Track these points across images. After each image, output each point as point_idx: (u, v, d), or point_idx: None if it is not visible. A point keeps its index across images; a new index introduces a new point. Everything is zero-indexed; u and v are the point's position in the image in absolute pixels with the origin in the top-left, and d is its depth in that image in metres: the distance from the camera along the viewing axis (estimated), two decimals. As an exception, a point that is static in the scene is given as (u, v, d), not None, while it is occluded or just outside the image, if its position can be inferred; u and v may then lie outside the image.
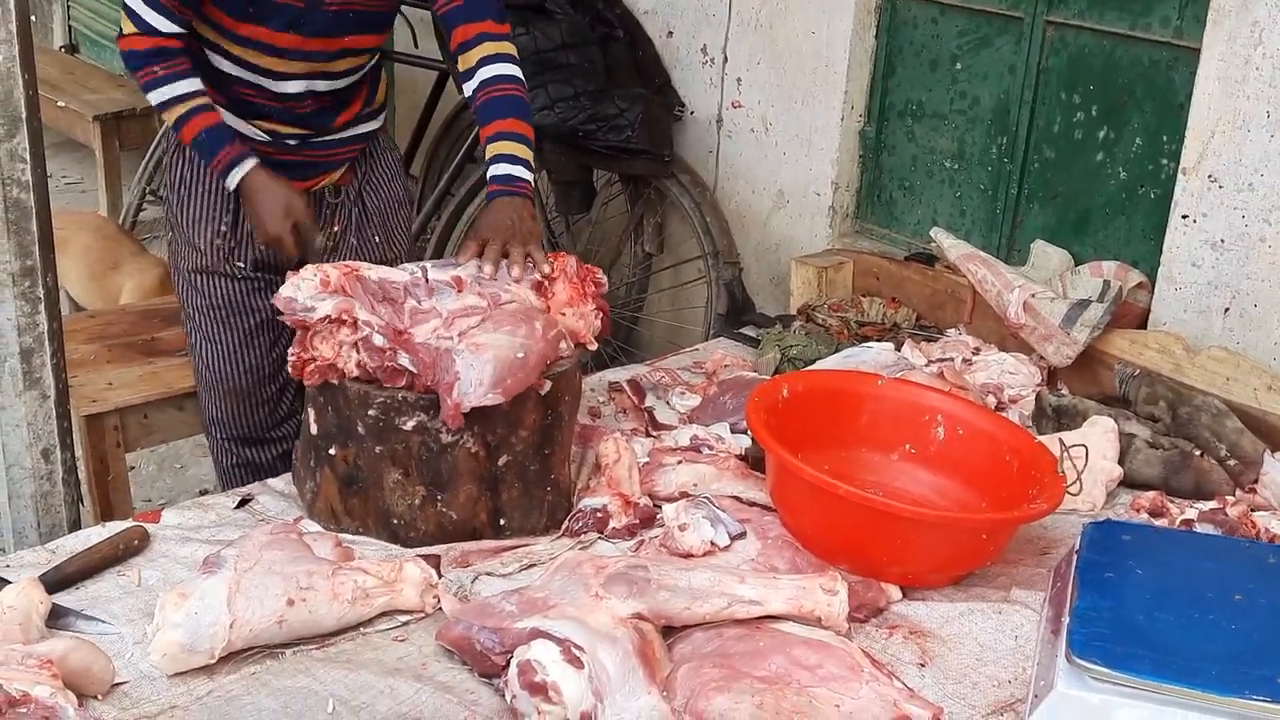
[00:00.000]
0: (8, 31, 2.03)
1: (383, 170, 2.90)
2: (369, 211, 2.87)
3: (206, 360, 2.81)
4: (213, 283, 2.74)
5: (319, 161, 2.76)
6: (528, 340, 2.21)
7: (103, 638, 1.91)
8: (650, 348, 4.45)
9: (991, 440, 2.38)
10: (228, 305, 2.75)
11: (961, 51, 3.56)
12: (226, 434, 2.88)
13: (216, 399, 2.85)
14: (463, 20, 2.59)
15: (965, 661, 2.02)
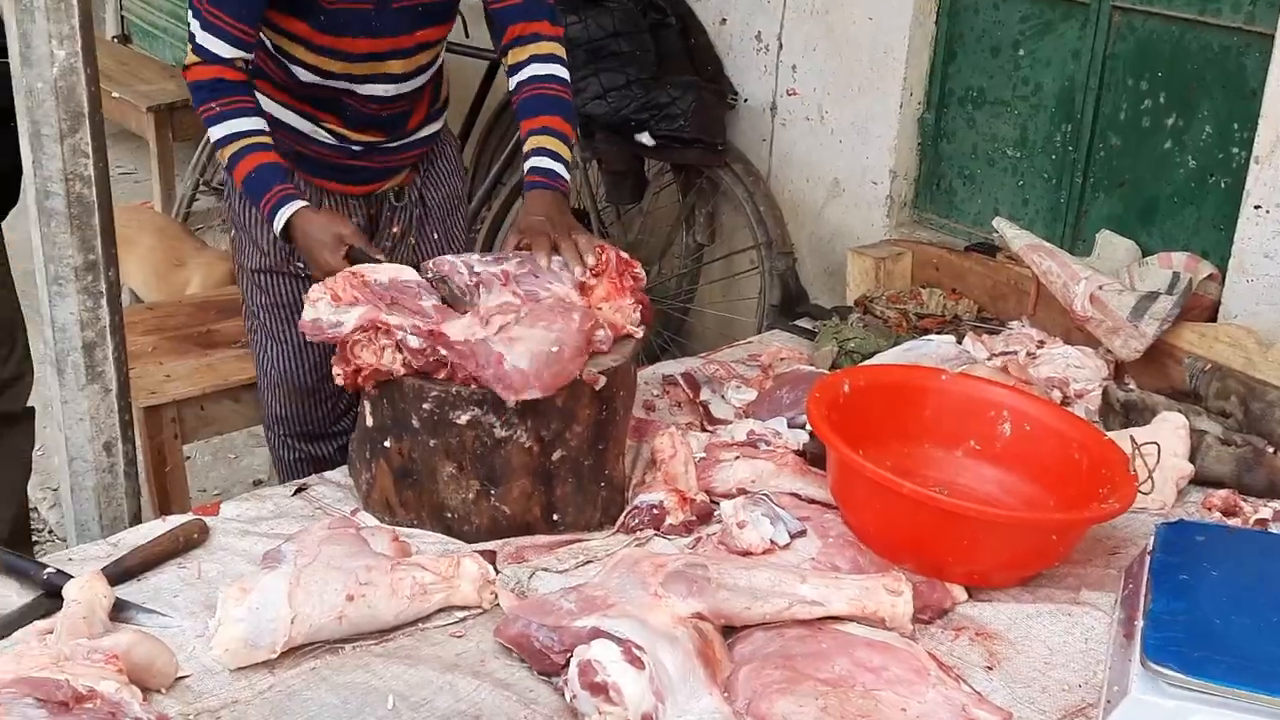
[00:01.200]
0: (70, 27, 2.02)
1: (442, 166, 2.88)
2: (429, 209, 2.85)
3: (271, 358, 2.81)
4: (276, 281, 2.74)
5: (382, 167, 2.74)
6: (563, 333, 2.19)
7: (165, 631, 1.91)
8: (701, 339, 4.42)
9: (1060, 437, 2.33)
10: (291, 304, 2.74)
11: (1024, 37, 3.50)
12: (289, 430, 2.89)
13: (280, 396, 2.85)
14: (518, 19, 2.61)
15: (1034, 664, 1.98)
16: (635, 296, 2.40)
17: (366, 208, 2.79)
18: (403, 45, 2.56)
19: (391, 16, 2.50)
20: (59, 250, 2.16)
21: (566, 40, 3.95)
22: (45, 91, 2.06)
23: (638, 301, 2.41)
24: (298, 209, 2.47)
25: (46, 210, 2.14)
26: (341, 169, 2.70)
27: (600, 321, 2.30)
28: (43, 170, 2.11)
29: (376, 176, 2.75)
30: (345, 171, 2.70)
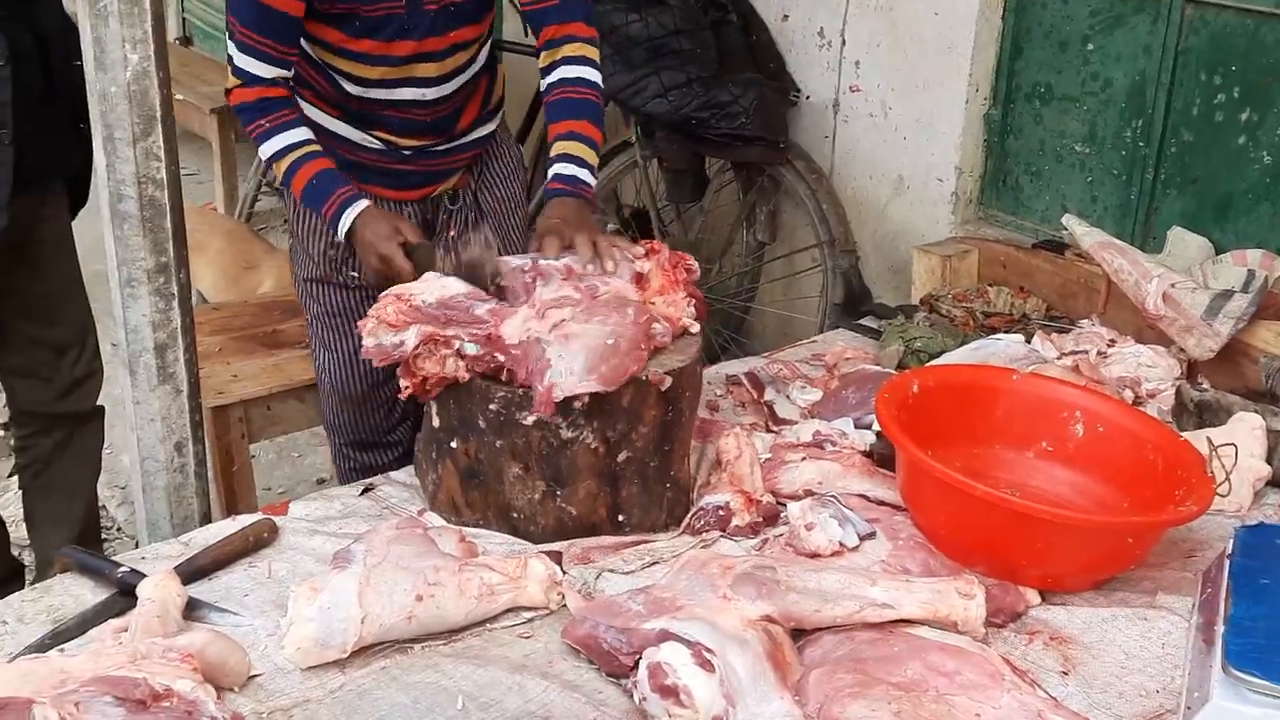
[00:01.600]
0: (143, 31, 2.04)
1: (499, 169, 2.87)
2: (484, 212, 2.84)
3: (325, 366, 2.83)
4: (327, 291, 2.76)
5: (434, 170, 2.74)
6: (619, 327, 2.19)
7: (236, 630, 1.93)
8: (761, 338, 4.40)
9: (1134, 438, 2.29)
10: (342, 313, 2.76)
11: (1093, 32, 3.45)
12: (345, 439, 2.90)
13: (335, 404, 2.87)
14: (553, 20, 2.61)
15: (1110, 670, 1.95)
16: (689, 290, 2.39)
17: (421, 212, 2.78)
18: (438, 47, 2.56)
19: (424, 18, 2.50)
20: (132, 253, 2.19)
21: (627, 38, 3.99)
22: (119, 95, 2.08)
23: (691, 295, 2.39)
24: (360, 210, 2.48)
25: (119, 213, 2.16)
26: (393, 174, 2.69)
27: (656, 315, 2.29)
28: (116, 174, 2.13)
29: (429, 180, 2.75)
30: (397, 176, 2.70)
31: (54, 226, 2.90)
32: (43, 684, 1.55)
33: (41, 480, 3.14)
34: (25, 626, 1.94)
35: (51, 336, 2.96)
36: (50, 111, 2.74)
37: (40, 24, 2.74)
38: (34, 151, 2.69)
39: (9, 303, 2.89)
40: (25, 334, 2.94)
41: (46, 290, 2.92)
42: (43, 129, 2.72)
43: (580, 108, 2.57)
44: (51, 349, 2.96)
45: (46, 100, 2.74)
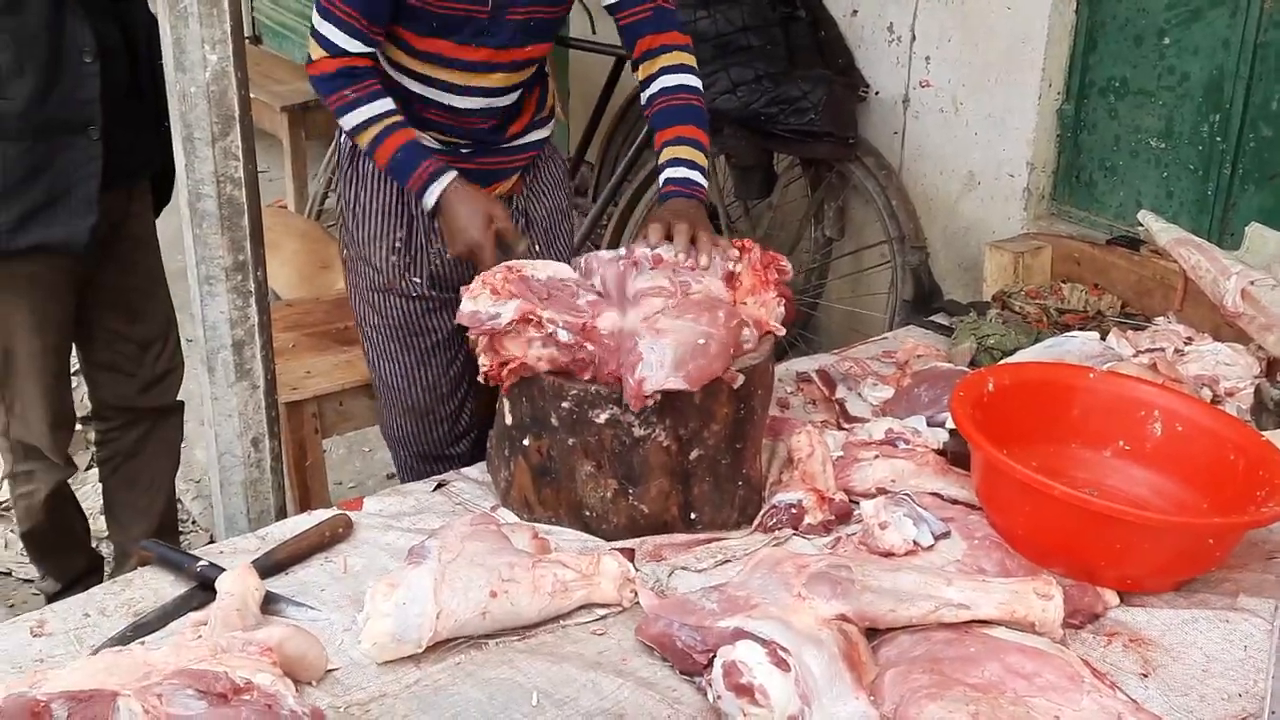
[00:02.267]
0: (222, 32, 2.07)
1: (547, 178, 2.86)
2: (532, 220, 2.84)
3: (385, 378, 2.83)
4: (390, 302, 2.75)
5: (491, 170, 2.73)
6: (710, 328, 2.18)
7: (314, 624, 1.95)
8: (829, 334, 4.38)
9: (1214, 437, 2.25)
10: (405, 325, 2.76)
11: (1170, 25, 3.40)
12: (408, 450, 2.91)
13: (396, 416, 2.86)
14: (647, 31, 2.62)
15: (1191, 673, 1.92)
16: (779, 290, 2.38)
17: None
18: (511, 59, 2.56)
19: (504, 27, 2.50)
20: (210, 251, 2.21)
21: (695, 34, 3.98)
22: (198, 95, 2.11)
23: (781, 295, 2.38)
24: (451, 181, 2.47)
25: (198, 212, 2.19)
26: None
27: (746, 320, 2.28)
28: (195, 173, 2.16)
29: (487, 180, 2.72)
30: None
31: (140, 222, 2.95)
32: (126, 676, 1.57)
33: (122, 473, 3.19)
34: (107, 619, 1.97)
35: (136, 332, 3.00)
36: (137, 108, 2.79)
37: (128, 20, 2.78)
38: (121, 148, 2.74)
39: (96, 297, 2.94)
40: (111, 329, 2.99)
41: (132, 285, 2.97)
42: (130, 125, 2.76)
43: (683, 113, 2.58)
44: (135, 344, 3.01)
45: (133, 97, 2.78)
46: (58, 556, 3.23)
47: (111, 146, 2.70)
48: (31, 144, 2.62)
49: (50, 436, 2.95)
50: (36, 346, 2.82)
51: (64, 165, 2.65)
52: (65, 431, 3.02)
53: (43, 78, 2.59)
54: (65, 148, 2.65)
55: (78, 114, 2.65)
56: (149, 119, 2.81)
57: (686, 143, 2.56)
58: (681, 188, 2.52)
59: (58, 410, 2.95)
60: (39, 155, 2.62)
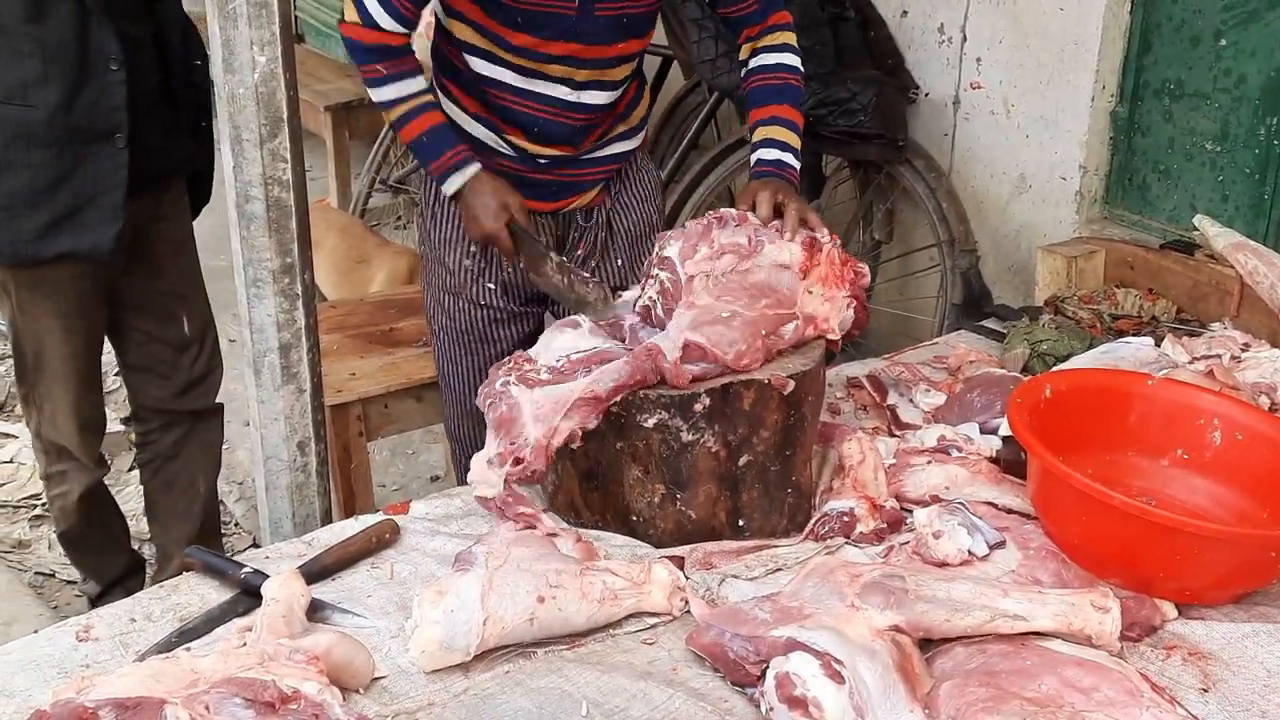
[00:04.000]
0: (271, 33, 2.06)
1: (635, 191, 2.82)
2: (615, 234, 2.80)
3: (449, 379, 2.83)
4: (459, 306, 2.74)
5: (569, 182, 2.70)
6: (740, 308, 2.18)
7: (360, 631, 1.93)
8: (877, 337, 4.34)
9: (1275, 447, 2.20)
10: (471, 331, 2.75)
11: (1227, 26, 3.34)
12: (469, 453, 2.87)
13: (458, 418, 2.87)
14: (756, 21, 2.63)
15: (1253, 688, 1.87)
16: (853, 292, 2.35)
17: (555, 226, 2.75)
18: (602, 55, 2.53)
19: (593, 23, 2.46)
20: (257, 253, 2.21)
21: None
22: (246, 97, 2.10)
23: (853, 297, 2.35)
24: (471, 176, 2.47)
25: (246, 214, 2.18)
26: (529, 183, 2.65)
27: (798, 313, 2.25)
28: (243, 175, 2.15)
29: (564, 192, 2.71)
30: (532, 186, 2.66)
31: (173, 226, 2.94)
32: (173, 684, 1.56)
33: (162, 475, 3.20)
34: (153, 624, 1.96)
35: (170, 335, 3.00)
36: (167, 112, 2.79)
37: (161, 22, 2.78)
38: (150, 151, 2.74)
39: (127, 300, 2.94)
40: (145, 332, 2.99)
41: (166, 289, 2.97)
42: (160, 128, 2.76)
43: (782, 91, 2.58)
44: (171, 347, 3.01)
45: (163, 100, 2.78)
46: (96, 557, 3.24)
47: (140, 151, 2.70)
48: (58, 152, 2.62)
49: (79, 438, 2.97)
50: (65, 351, 2.83)
51: (90, 173, 2.65)
52: (94, 434, 3.03)
53: (69, 86, 2.59)
54: (91, 156, 2.65)
55: (104, 122, 2.65)
56: (181, 120, 2.81)
57: (780, 123, 2.54)
58: (772, 168, 2.50)
59: (85, 414, 2.96)
60: (65, 163, 2.63)
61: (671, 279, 2.31)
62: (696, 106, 4.67)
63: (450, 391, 2.85)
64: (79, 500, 3.07)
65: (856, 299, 2.35)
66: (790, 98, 2.57)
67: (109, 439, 4.24)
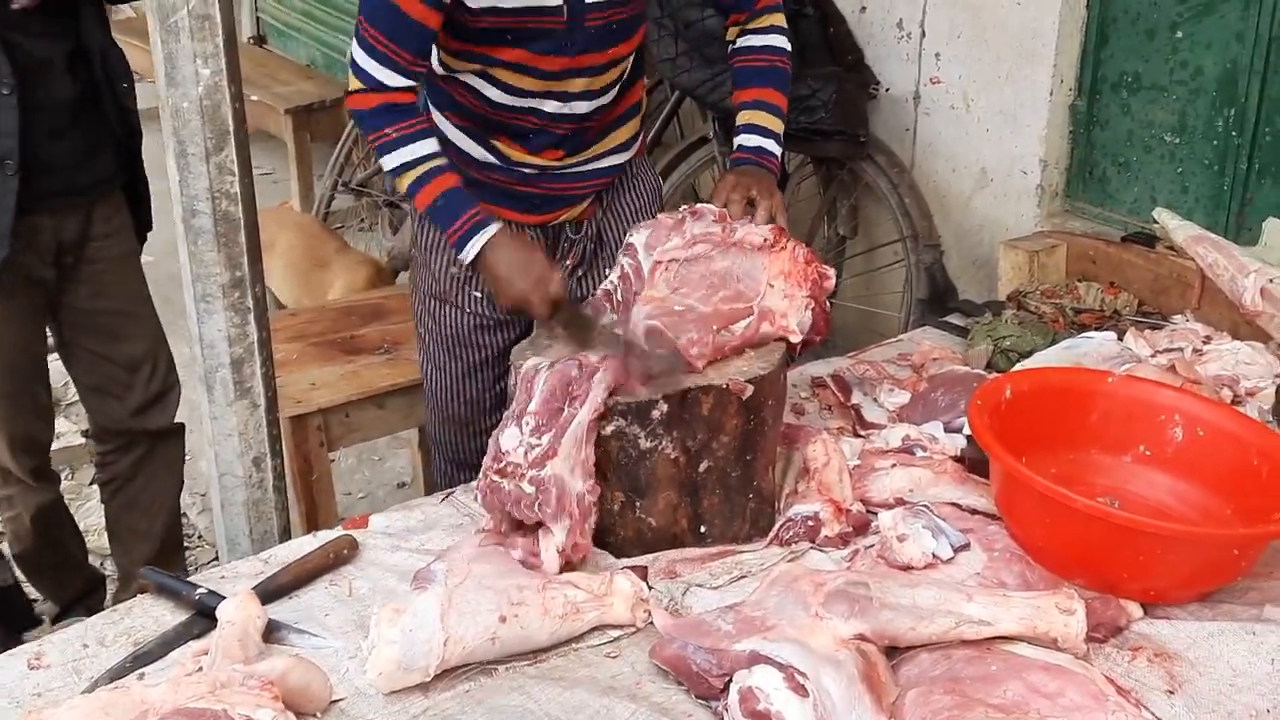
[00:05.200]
0: (214, 46, 2.03)
1: (629, 200, 2.75)
2: (604, 243, 2.73)
3: (432, 385, 2.79)
4: (444, 311, 2.70)
5: (556, 196, 2.64)
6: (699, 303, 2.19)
7: (318, 652, 1.90)
8: (843, 334, 4.32)
9: (1237, 442, 2.20)
10: (455, 336, 2.70)
11: (1182, 19, 3.35)
12: (446, 457, 2.86)
13: (438, 423, 2.83)
14: (747, 7, 2.57)
15: (1218, 688, 1.87)
16: (813, 293, 2.33)
17: (544, 238, 2.68)
18: (596, 62, 2.47)
19: (584, 34, 2.41)
20: (206, 268, 2.18)
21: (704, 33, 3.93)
22: (191, 111, 2.07)
23: (813, 299, 2.33)
24: (492, 235, 2.35)
25: (193, 228, 2.15)
26: (514, 196, 2.60)
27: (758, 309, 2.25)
28: (189, 189, 2.12)
29: (552, 205, 2.64)
30: (518, 199, 2.60)
31: (111, 244, 2.88)
32: (123, 716, 1.53)
33: (122, 496, 3.16)
34: (106, 649, 1.93)
35: (119, 354, 2.95)
36: (83, 132, 2.73)
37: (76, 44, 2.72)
38: (58, 173, 2.69)
39: (72, 320, 2.90)
40: (93, 351, 2.95)
41: (111, 308, 2.91)
42: (72, 150, 2.71)
43: (765, 74, 2.52)
44: (121, 366, 2.96)
45: (78, 121, 2.72)
46: (54, 577, 3.21)
47: (47, 172, 2.64)
48: None
49: (14, 460, 2.92)
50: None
51: None
52: (28, 454, 2.99)
53: None
54: None
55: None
56: (103, 141, 2.76)
57: (763, 107, 2.49)
58: (753, 155, 2.47)
59: (15, 434, 2.92)
60: None
61: (633, 266, 2.30)
62: (659, 106, 4.65)
63: (433, 396, 2.80)
64: (32, 522, 3.03)
65: (817, 301, 2.33)
66: (775, 80, 2.52)
67: (70, 452, 4.21)
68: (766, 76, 2.52)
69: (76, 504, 3.98)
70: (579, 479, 2.07)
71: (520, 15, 2.34)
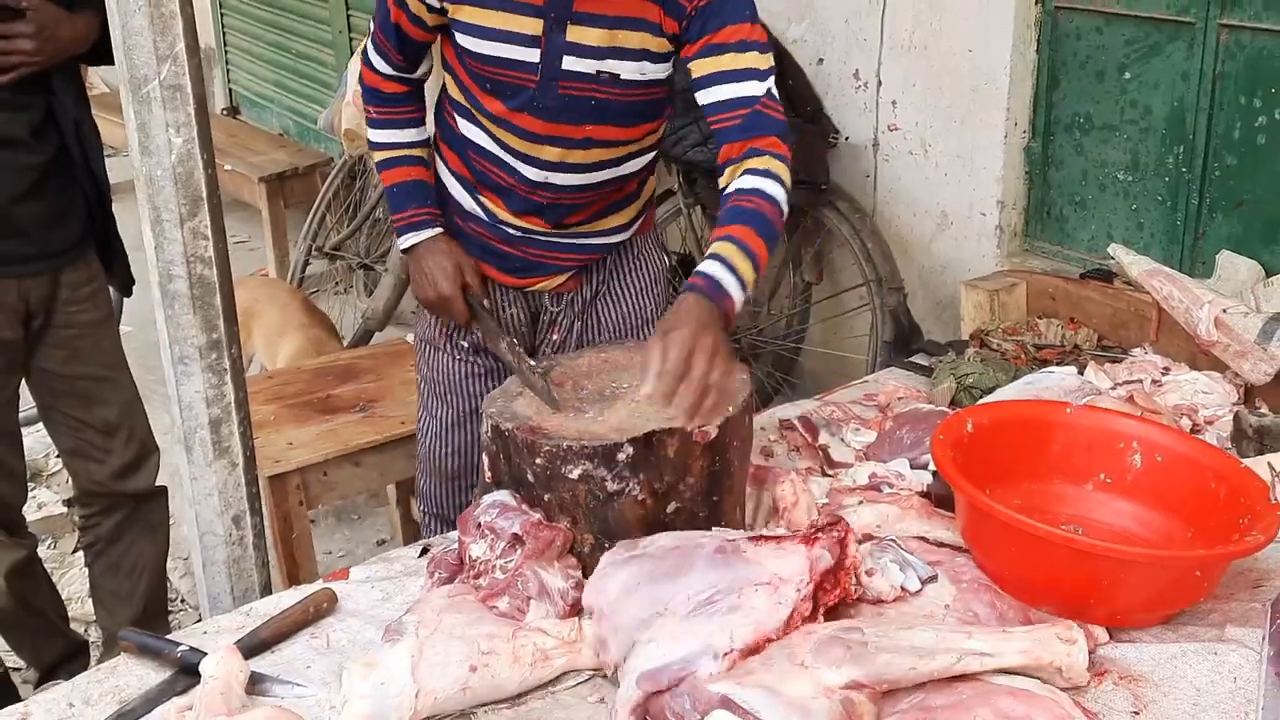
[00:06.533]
0: (186, 115, 2.07)
1: (631, 281, 2.70)
2: (601, 325, 2.71)
3: (423, 430, 2.80)
4: (435, 356, 2.73)
5: (534, 261, 2.62)
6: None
7: (300, 702, 1.92)
8: (813, 379, 4.39)
9: (1194, 466, 2.25)
10: (445, 381, 2.72)
11: (1130, 60, 3.44)
12: (432, 511, 2.86)
13: (426, 474, 2.83)
14: (745, 136, 2.31)
15: (1182, 708, 1.91)
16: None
17: (525, 303, 2.69)
18: (569, 135, 2.43)
19: (555, 100, 2.37)
20: (182, 331, 2.21)
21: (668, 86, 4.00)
22: (164, 178, 2.11)
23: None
24: (428, 237, 2.50)
25: (169, 293, 2.19)
26: (496, 253, 2.61)
27: None
28: (164, 255, 2.16)
29: (529, 270, 2.62)
30: (500, 257, 2.61)
31: (84, 309, 2.90)
32: (110, 768, 1.55)
33: (105, 559, 3.17)
34: (91, 709, 1.95)
35: (94, 418, 2.97)
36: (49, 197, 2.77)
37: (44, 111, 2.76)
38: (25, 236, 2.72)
39: (48, 385, 2.93)
40: (70, 416, 2.97)
41: (85, 373, 2.94)
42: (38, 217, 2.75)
43: (746, 215, 2.24)
44: (98, 430, 2.98)
45: (44, 186, 2.76)
46: (32, 641, 3.20)
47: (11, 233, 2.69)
48: None
49: None
50: None
51: None
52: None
53: None
54: None
55: None
56: (73, 210, 2.80)
57: (734, 243, 2.20)
58: (703, 282, 2.15)
59: None
60: None
61: None
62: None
63: (423, 446, 2.79)
64: (6, 579, 3.03)
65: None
66: (754, 221, 2.22)
67: (53, 521, 4.22)
68: (746, 216, 2.24)
69: (60, 572, 3.99)
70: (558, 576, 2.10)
71: (497, 65, 2.37)
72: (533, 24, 2.30)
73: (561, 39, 2.30)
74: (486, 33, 2.34)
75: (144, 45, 2.03)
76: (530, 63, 2.34)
